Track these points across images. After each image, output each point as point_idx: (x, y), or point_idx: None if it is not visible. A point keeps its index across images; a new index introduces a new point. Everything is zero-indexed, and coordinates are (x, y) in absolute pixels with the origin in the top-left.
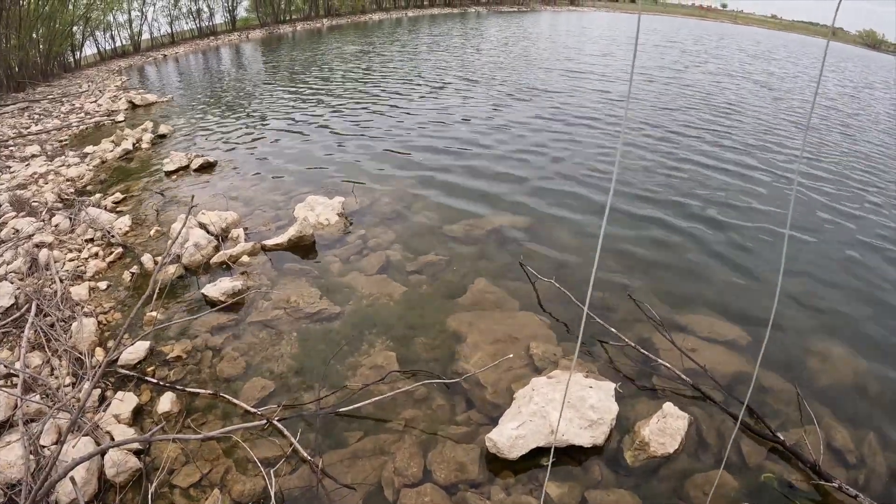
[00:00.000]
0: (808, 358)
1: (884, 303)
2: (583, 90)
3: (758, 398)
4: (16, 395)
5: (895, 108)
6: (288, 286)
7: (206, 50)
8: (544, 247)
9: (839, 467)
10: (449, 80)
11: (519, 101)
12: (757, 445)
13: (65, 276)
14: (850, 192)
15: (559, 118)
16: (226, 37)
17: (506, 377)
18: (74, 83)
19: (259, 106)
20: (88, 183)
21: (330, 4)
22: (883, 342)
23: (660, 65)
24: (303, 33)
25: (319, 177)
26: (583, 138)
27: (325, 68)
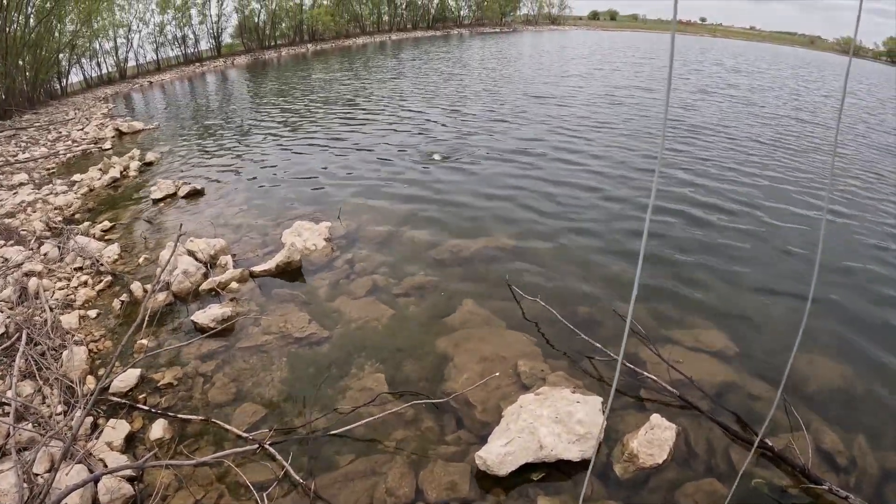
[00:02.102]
0: (796, 363)
1: (867, 305)
2: (562, 116)
3: (745, 405)
4: (8, 423)
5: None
6: (277, 312)
7: (192, 76)
8: (529, 266)
9: (829, 470)
10: (433, 103)
11: (503, 123)
12: (746, 452)
13: (55, 305)
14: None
15: (543, 139)
16: (211, 63)
17: (494, 395)
18: (61, 110)
19: (245, 132)
20: (77, 211)
21: (314, 30)
22: (867, 343)
23: (633, 84)
24: (287, 59)
25: (306, 202)
26: (564, 161)
27: (310, 93)
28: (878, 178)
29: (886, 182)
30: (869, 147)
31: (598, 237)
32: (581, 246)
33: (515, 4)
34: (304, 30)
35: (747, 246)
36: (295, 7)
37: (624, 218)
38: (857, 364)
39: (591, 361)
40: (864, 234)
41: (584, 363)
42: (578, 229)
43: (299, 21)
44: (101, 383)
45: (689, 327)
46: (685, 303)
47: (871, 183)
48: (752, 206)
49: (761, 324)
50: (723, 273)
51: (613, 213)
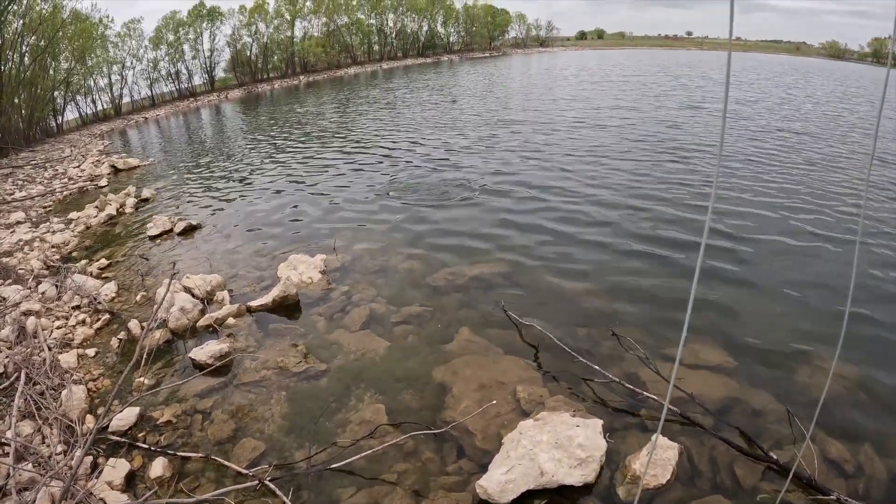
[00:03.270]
0: (797, 374)
1: (867, 310)
2: (552, 142)
3: (749, 420)
4: (8, 464)
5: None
6: (274, 346)
7: (187, 111)
8: (525, 291)
9: (837, 479)
10: (425, 133)
11: (494, 149)
12: (751, 467)
13: (53, 344)
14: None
15: (533, 164)
16: (205, 97)
17: (494, 423)
18: (57, 148)
19: (239, 166)
20: (74, 249)
21: (306, 61)
22: (869, 348)
23: (624, 104)
24: (280, 91)
25: (301, 235)
26: (556, 188)
27: (302, 126)
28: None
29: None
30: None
31: (592, 260)
32: (576, 269)
33: (504, 28)
34: (296, 62)
35: (745, 259)
36: (286, 40)
37: (617, 240)
38: (860, 370)
39: (589, 384)
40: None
41: (583, 386)
42: (572, 253)
43: (291, 53)
44: (101, 422)
45: (687, 344)
46: (683, 318)
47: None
48: (743, 219)
49: (760, 337)
50: (719, 288)
51: (606, 236)
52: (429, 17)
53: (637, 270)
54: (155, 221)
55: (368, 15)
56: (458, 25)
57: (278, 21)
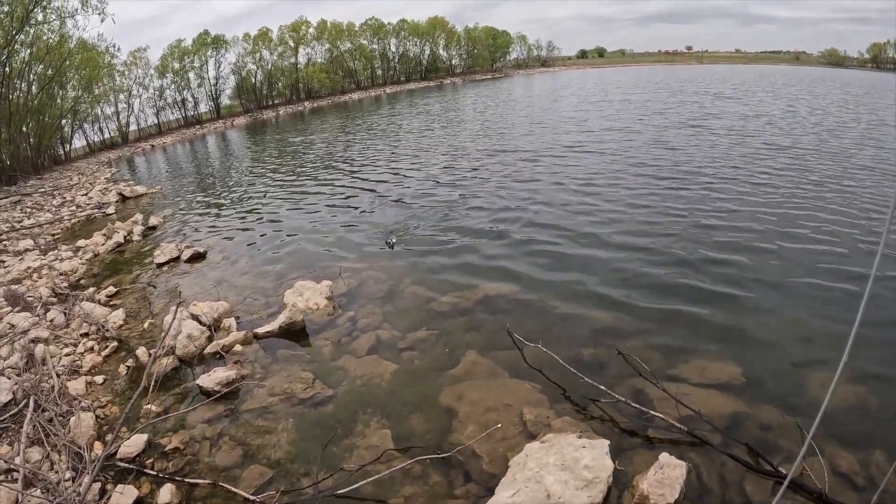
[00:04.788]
0: (806, 387)
1: (875, 314)
2: (556, 165)
3: (757, 435)
4: (17, 490)
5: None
6: (281, 372)
7: (193, 139)
8: (530, 312)
9: (848, 491)
10: (429, 158)
11: (498, 172)
12: (760, 483)
13: (61, 371)
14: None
15: (536, 184)
16: (211, 125)
17: (501, 446)
18: (65, 176)
19: (245, 193)
20: (82, 277)
21: (310, 87)
22: (877, 356)
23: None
24: (286, 117)
25: (307, 261)
26: (557, 203)
27: (309, 153)
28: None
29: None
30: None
31: (595, 282)
32: (580, 291)
33: (505, 50)
34: (301, 88)
35: (750, 276)
36: (290, 66)
37: (619, 261)
38: (869, 380)
39: (596, 404)
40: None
41: (589, 407)
42: (576, 275)
43: (295, 80)
44: (109, 449)
45: (694, 361)
46: (689, 336)
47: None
48: (749, 235)
49: (767, 352)
50: (725, 305)
51: (608, 257)
52: (430, 41)
53: (641, 290)
54: (162, 249)
55: (371, 40)
56: (459, 48)
57: (282, 48)
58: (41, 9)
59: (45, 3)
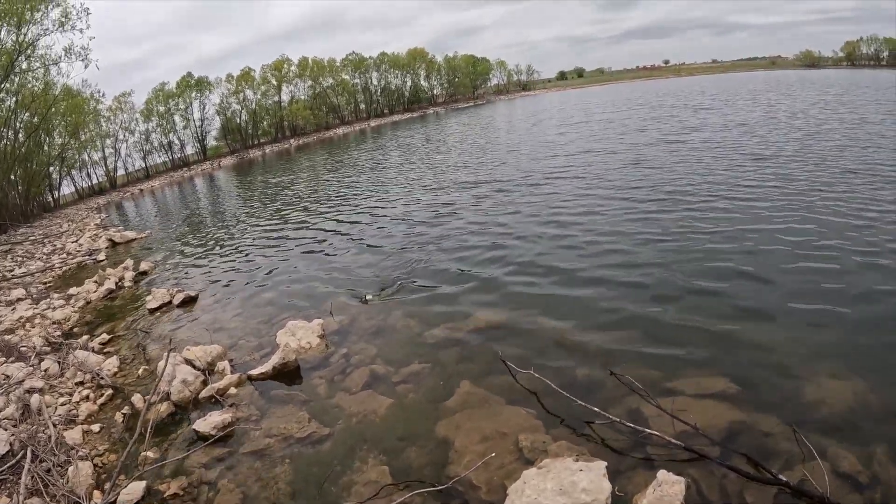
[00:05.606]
0: (803, 391)
1: (868, 312)
2: (540, 193)
3: (756, 444)
4: None
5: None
6: (277, 413)
7: (181, 181)
8: (522, 339)
9: (852, 492)
10: (415, 192)
11: (485, 200)
12: (762, 492)
13: (58, 421)
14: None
15: (514, 216)
16: (198, 166)
17: (498, 474)
18: (55, 223)
19: (235, 235)
20: (75, 325)
21: (295, 125)
22: (874, 352)
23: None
24: (272, 156)
25: (298, 301)
26: (537, 233)
27: (294, 192)
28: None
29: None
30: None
31: (584, 304)
32: (569, 314)
33: (485, 77)
34: (286, 126)
35: (742, 283)
36: (274, 105)
37: (605, 283)
38: (868, 376)
39: (591, 426)
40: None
41: (585, 429)
42: (565, 299)
43: (280, 118)
44: (108, 497)
45: (688, 374)
46: (681, 350)
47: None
48: (740, 242)
49: (761, 359)
50: (716, 315)
51: (596, 278)
52: (411, 72)
53: (629, 309)
54: (154, 294)
55: (352, 75)
56: (440, 78)
57: (265, 87)
58: (25, 57)
59: (30, 51)
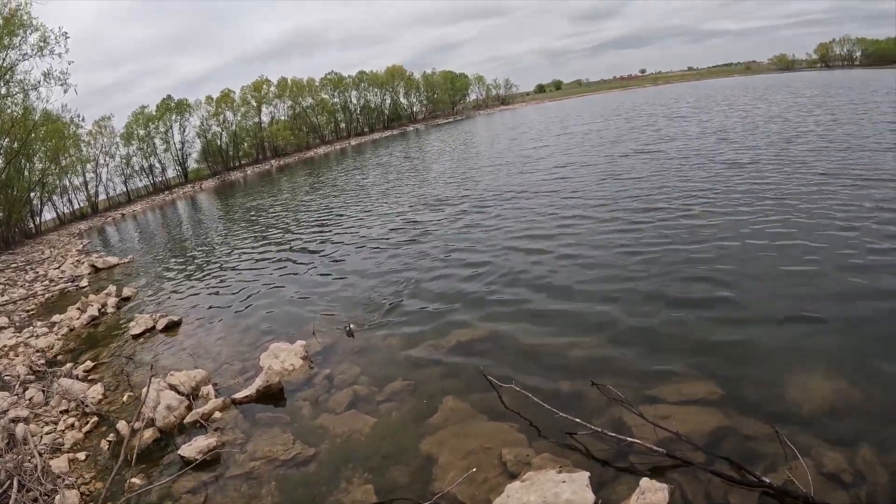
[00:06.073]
0: (785, 392)
1: (848, 312)
2: (519, 208)
3: (740, 447)
4: None
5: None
6: (262, 436)
7: (163, 205)
8: (504, 353)
9: (837, 490)
10: (395, 211)
11: (463, 217)
12: (746, 495)
13: (44, 450)
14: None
15: (494, 232)
16: (180, 189)
17: (482, 489)
18: (37, 249)
19: (217, 259)
20: (58, 353)
21: (275, 145)
22: (855, 351)
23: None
24: (254, 177)
25: (280, 323)
26: (515, 248)
27: (274, 215)
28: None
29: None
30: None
31: (564, 315)
32: (550, 328)
33: (464, 92)
34: (266, 147)
35: (720, 287)
36: (255, 126)
37: (583, 296)
38: (850, 375)
39: (574, 438)
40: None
41: (568, 441)
42: (546, 311)
43: (260, 139)
44: None
45: (670, 381)
46: (662, 358)
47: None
48: (720, 246)
49: (743, 362)
50: (695, 319)
51: (572, 292)
52: (390, 90)
53: (609, 320)
54: (137, 320)
55: (332, 94)
56: (419, 95)
57: (245, 108)
58: (4, 83)
59: (8, 76)
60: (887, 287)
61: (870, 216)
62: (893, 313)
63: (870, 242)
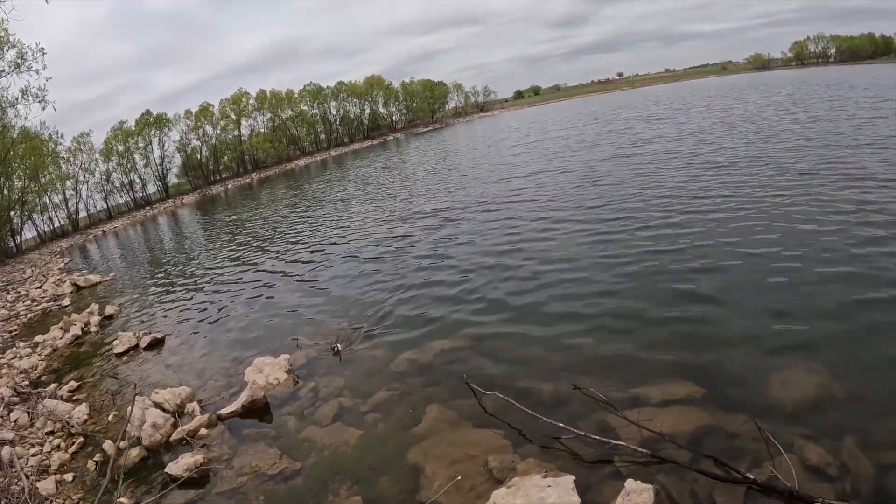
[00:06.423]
0: (768, 389)
1: (827, 307)
2: (497, 218)
3: (723, 445)
4: None
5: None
6: (248, 452)
7: (144, 221)
8: (487, 360)
9: (822, 483)
10: (373, 225)
11: (442, 228)
12: (731, 492)
13: (30, 472)
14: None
15: (477, 243)
16: (160, 205)
17: (469, 496)
18: (18, 269)
19: (199, 275)
20: (42, 373)
21: (256, 158)
22: (836, 344)
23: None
24: (234, 191)
25: (264, 337)
26: (492, 257)
27: (256, 230)
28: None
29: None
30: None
31: (544, 322)
32: (531, 334)
33: (443, 100)
34: (247, 160)
35: (702, 287)
36: (234, 139)
37: (564, 299)
38: (831, 368)
39: (560, 442)
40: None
41: (552, 445)
42: (525, 317)
43: (240, 152)
44: None
45: (653, 382)
46: (645, 359)
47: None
48: (702, 244)
49: (725, 360)
50: (676, 319)
51: (551, 297)
52: (370, 100)
53: (590, 323)
54: (120, 338)
55: (311, 105)
56: (398, 104)
57: (224, 122)
58: None
59: None
60: (866, 284)
61: (850, 214)
62: (873, 310)
63: (849, 241)
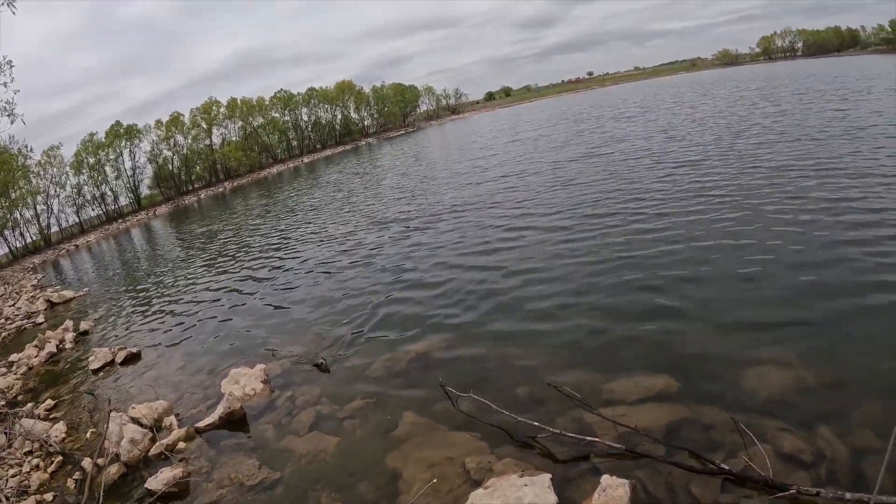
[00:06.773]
0: (741, 381)
1: (798, 297)
2: (468, 222)
3: (698, 437)
4: None
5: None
6: (227, 463)
7: (117, 234)
8: (462, 363)
9: (797, 471)
10: (345, 233)
11: (413, 235)
12: (707, 483)
13: (10, 493)
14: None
15: (449, 249)
16: (133, 217)
17: (447, 499)
18: None
19: (173, 288)
20: (18, 392)
21: (228, 167)
22: (807, 334)
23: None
24: (207, 200)
25: (239, 348)
26: (480, 267)
27: (229, 239)
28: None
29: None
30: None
31: (517, 323)
32: (505, 335)
33: (414, 104)
34: (219, 169)
35: (667, 287)
36: (206, 148)
37: (535, 299)
38: (803, 357)
39: (536, 441)
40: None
41: (529, 444)
42: (498, 318)
43: (212, 161)
44: None
45: (627, 378)
46: (619, 356)
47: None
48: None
49: (698, 354)
50: (649, 315)
51: (523, 298)
52: (341, 105)
53: (562, 322)
54: (96, 354)
55: (282, 112)
56: (370, 109)
57: (196, 131)
58: None
59: None
60: (838, 279)
61: (822, 208)
62: (844, 301)
63: (819, 234)
